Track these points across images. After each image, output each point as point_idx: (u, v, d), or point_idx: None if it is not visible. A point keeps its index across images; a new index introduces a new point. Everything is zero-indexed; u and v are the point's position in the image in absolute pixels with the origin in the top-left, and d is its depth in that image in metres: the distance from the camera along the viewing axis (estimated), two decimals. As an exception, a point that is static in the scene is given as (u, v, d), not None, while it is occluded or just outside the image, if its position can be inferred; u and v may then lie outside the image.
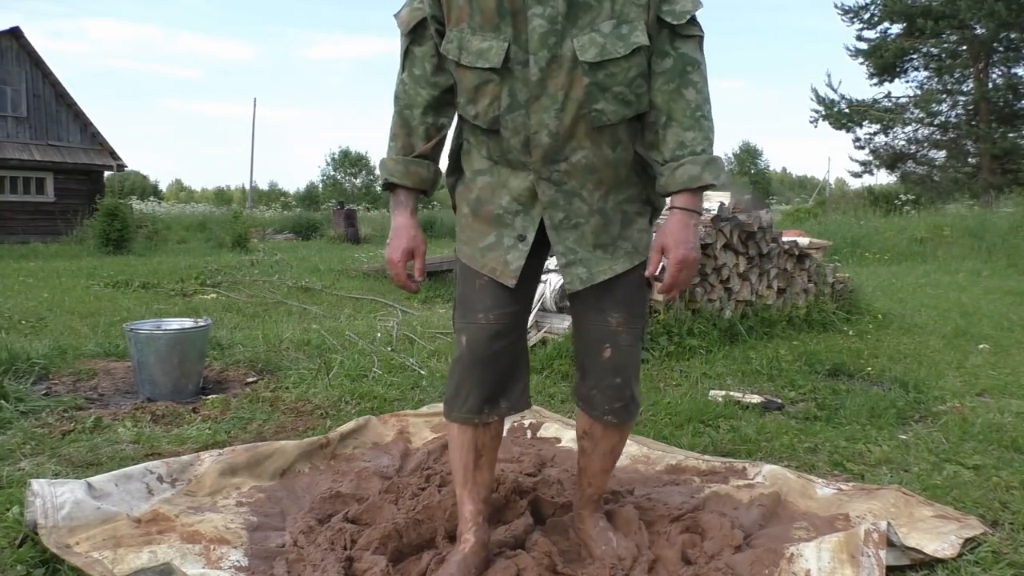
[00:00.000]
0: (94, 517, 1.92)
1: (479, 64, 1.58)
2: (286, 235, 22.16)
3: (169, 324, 3.70)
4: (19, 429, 2.82)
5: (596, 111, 1.59)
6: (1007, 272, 9.95)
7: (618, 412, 1.79)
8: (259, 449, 2.48)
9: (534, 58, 1.55)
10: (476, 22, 1.57)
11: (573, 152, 1.63)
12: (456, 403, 1.78)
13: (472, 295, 1.75)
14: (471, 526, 1.81)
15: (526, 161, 1.65)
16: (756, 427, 3.01)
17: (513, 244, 1.71)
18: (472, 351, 1.73)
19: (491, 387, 1.76)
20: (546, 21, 1.53)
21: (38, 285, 8.53)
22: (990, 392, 3.69)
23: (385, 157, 1.76)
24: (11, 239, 18.18)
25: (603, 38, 1.54)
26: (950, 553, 1.87)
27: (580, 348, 1.82)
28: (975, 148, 22.27)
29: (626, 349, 1.76)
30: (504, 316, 1.73)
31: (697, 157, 1.59)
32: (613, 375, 1.76)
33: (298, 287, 8.94)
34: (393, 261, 1.73)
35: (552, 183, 1.67)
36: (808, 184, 62.19)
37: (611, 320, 1.74)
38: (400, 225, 1.75)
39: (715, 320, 4.73)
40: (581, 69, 1.55)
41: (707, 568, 1.80)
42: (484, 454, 1.81)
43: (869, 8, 23.21)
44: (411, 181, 1.74)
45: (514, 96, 1.59)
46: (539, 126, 1.60)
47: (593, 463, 1.90)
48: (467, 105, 1.67)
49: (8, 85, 20.20)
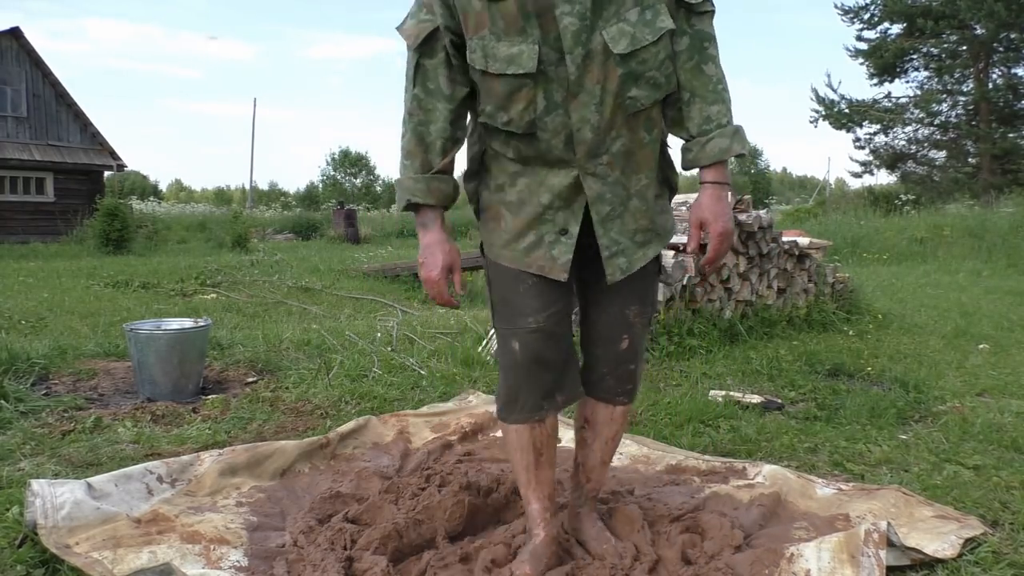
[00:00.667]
0: (94, 517, 1.92)
1: (510, 71, 1.55)
2: (286, 235, 22.17)
3: (169, 324, 3.70)
4: (19, 429, 2.82)
5: (631, 98, 1.59)
6: (1007, 272, 9.95)
7: (629, 392, 1.86)
8: (259, 449, 2.48)
9: (570, 56, 1.53)
10: (499, 27, 1.54)
11: (613, 142, 1.63)
12: (514, 407, 1.76)
13: (517, 298, 1.71)
14: (539, 522, 1.83)
15: (569, 159, 1.63)
16: (756, 427, 3.01)
17: (555, 239, 1.68)
18: (526, 355, 1.71)
19: (547, 385, 1.75)
20: (576, 18, 1.51)
21: (38, 285, 8.53)
22: (990, 392, 3.69)
23: (401, 177, 1.69)
24: (11, 239, 18.18)
25: (631, 27, 1.54)
26: (950, 553, 1.87)
27: (592, 338, 1.82)
28: (975, 148, 22.27)
29: (639, 337, 1.82)
30: (553, 316, 1.71)
31: (724, 129, 1.62)
32: (628, 362, 1.82)
33: (298, 287, 8.95)
34: (434, 280, 1.68)
35: (597, 177, 1.65)
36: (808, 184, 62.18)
37: (629, 312, 1.77)
38: (433, 242, 1.68)
39: (715, 320, 4.73)
40: (614, 60, 1.55)
41: (707, 568, 1.80)
42: (544, 452, 1.82)
43: (869, 8, 23.21)
44: (435, 199, 1.68)
45: (550, 97, 1.57)
46: (581, 123, 1.59)
47: (593, 454, 1.91)
48: (497, 112, 1.62)
49: (8, 85, 20.20)
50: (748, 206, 5.27)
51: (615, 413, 1.87)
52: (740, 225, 4.89)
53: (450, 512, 2.00)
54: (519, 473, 1.84)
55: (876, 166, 25.04)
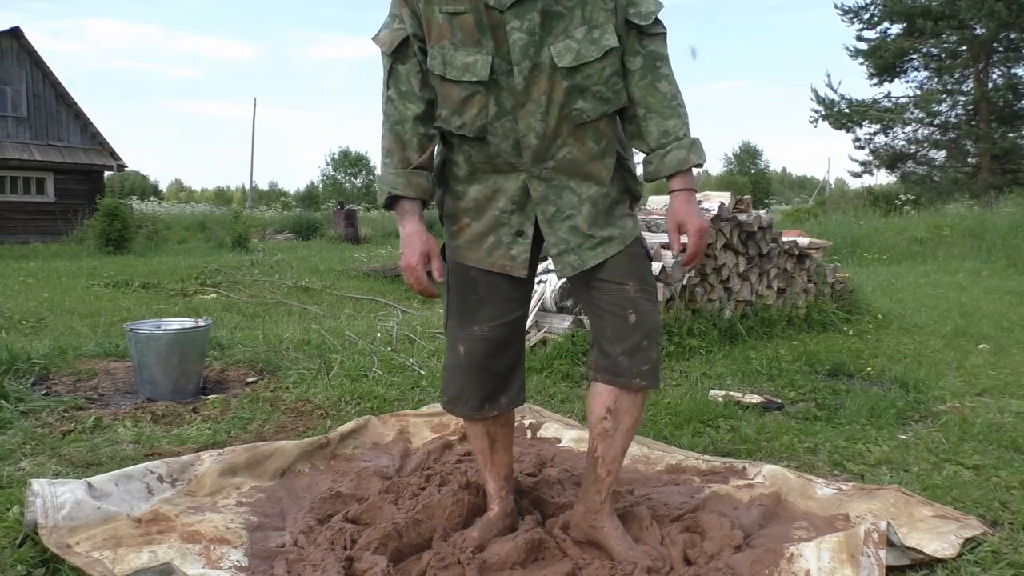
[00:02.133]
0: (94, 517, 1.92)
1: (466, 78, 1.68)
2: (286, 235, 22.16)
3: (169, 324, 3.70)
4: (19, 429, 2.82)
5: (576, 110, 1.71)
6: (1007, 272, 9.95)
7: (646, 375, 1.83)
8: (259, 449, 2.48)
9: (517, 68, 1.66)
10: (458, 38, 1.67)
11: (559, 150, 1.75)
12: (458, 403, 1.93)
13: (469, 306, 1.85)
14: (495, 499, 2.01)
15: (516, 163, 1.76)
16: (756, 427, 3.01)
17: (512, 240, 1.82)
18: (471, 361, 1.87)
19: (491, 388, 1.90)
20: (525, 34, 1.64)
21: (38, 285, 8.53)
22: (990, 392, 3.69)
23: (382, 173, 1.79)
24: (11, 239, 18.19)
25: (577, 44, 1.67)
26: (950, 553, 1.87)
27: (601, 322, 1.85)
28: (975, 148, 22.27)
29: (648, 313, 1.83)
30: (501, 327, 1.86)
31: (681, 142, 1.75)
32: (641, 337, 1.82)
33: (298, 287, 8.95)
34: (412, 266, 1.74)
35: (542, 180, 1.78)
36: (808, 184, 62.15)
37: (628, 287, 1.82)
38: (412, 232, 1.76)
39: (715, 320, 4.73)
40: (560, 74, 1.67)
41: (707, 568, 1.80)
42: (498, 439, 1.98)
43: (869, 8, 23.21)
44: (414, 191, 1.77)
45: (501, 104, 1.70)
46: (527, 129, 1.71)
47: (615, 445, 1.88)
48: (452, 117, 1.74)
49: (8, 85, 20.20)
50: (748, 206, 5.27)
51: (636, 400, 1.87)
52: (740, 225, 4.89)
53: (450, 512, 2.00)
54: (477, 455, 2.03)
55: (876, 166, 25.04)
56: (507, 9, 1.62)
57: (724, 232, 4.79)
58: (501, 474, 2.01)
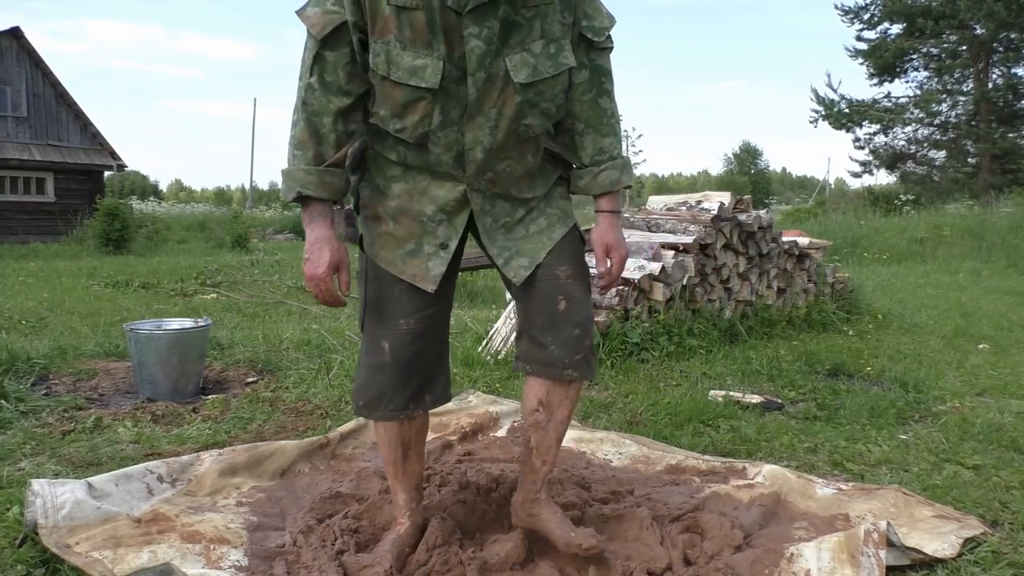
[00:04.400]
0: (94, 517, 1.92)
1: (412, 82, 1.54)
2: (286, 235, 22.18)
3: (169, 324, 3.70)
4: (19, 429, 2.82)
5: (524, 126, 1.65)
6: (1007, 272, 9.95)
7: (579, 364, 1.76)
8: (259, 449, 2.48)
9: (472, 79, 1.55)
10: (405, 36, 1.53)
11: (500, 163, 1.69)
12: (380, 404, 1.78)
13: (390, 301, 1.74)
14: (406, 512, 1.88)
15: (456, 174, 1.68)
16: (756, 427, 3.01)
17: (435, 251, 1.72)
18: (396, 356, 1.74)
19: (416, 386, 1.78)
20: (483, 42, 1.53)
21: (38, 285, 8.53)
22: (990, 392, 3.69)
23: (291, 167, 1.63)
24: (11, 239, 18.20)
25: (534, 58, 1.58)
26: (950, 553, 1.87)
27: (531, 310, 1.77)
28: (975, 148, 22.28)
29: (580, 301, 1.76)
30: (425, 319, 1.75)
31: (615, 162, 1.76)
32: (572, 327, 1.74)
33: (298, 287, 8.94)
34: (319, 276, 1.63)
35: (479, 192, 1.71)
36: (808, 184, 62.20)
37: (559, 273, 1.75)
38: (321, 238, 1.64)
39: (715, 320, 4.73)
40: (513, 88, 1.58)
41: (707, 568, 1.80)
42: (412, 446, 1.86)
43: (869, 8, 23.23)
44: (327, 192, 1.64)
45: (447, 114, 1.59)
46: (474, 143, 1.63)
47: (548, 435, 1.83)
48: (391, 119, 1.62)
49: (8, 85, 20.21)
50: (748, 206, 5.27)
51: (569, 391, 1.81)
52: (740, 225, 4.89)
53: (450, 512, 2.00)
54: (387, 465, 1.89)
55: (876, 166, 25.06)
56: (466, 13, 1.50)
57: (724, 232, 4.79)
58: (413, 484, 1.89)
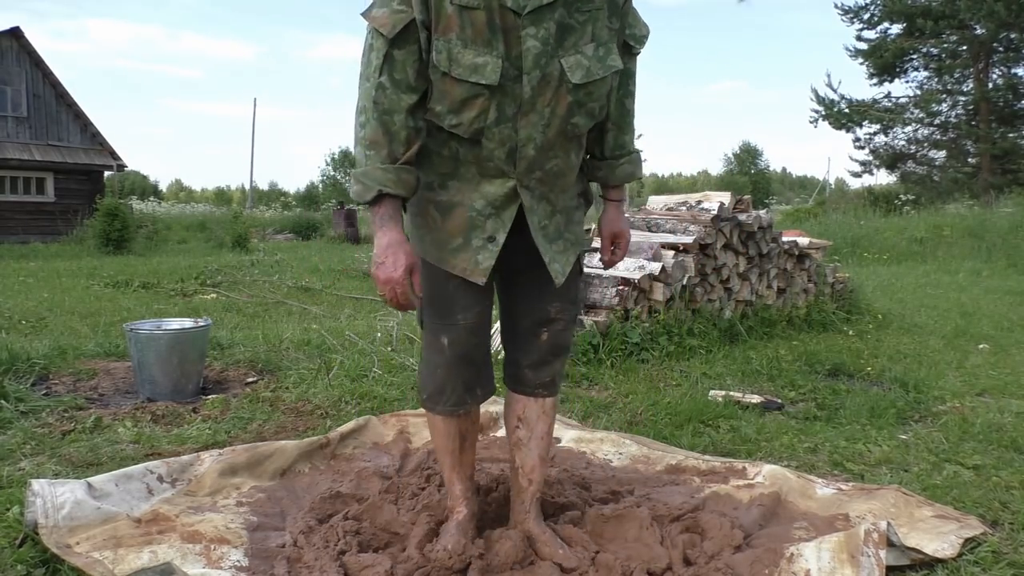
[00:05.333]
0: (94, 517, 1.92)
1: (472, 79, 1.60)
2: (286, 235, 22.17)
3: (169, 324, 3.70)
4: (19, 429, 2.82)
5: (573, 124, 1.72)
6: (1007, 272, 9.95)
7: (547, 385, 1.94)
8: (259, 449, 2.48)
9: (527, 77, 1.62)
10: (467, 35, 1.59)
11: (549, 161, 1.74)
12: (440, 399, 1.87)
13: (446, 297, 1.80)
14: (462, 500, 1.96)
15: (507, 170, 1.72)
16: (756, 427, 3.01)
17: (483, 245, 1.76)
18: (454, 351, 1.82)
19: (471, 380, 1.87)
20: (539, 43, 1.60)
21: (38, 285, 8.53)
22: (990, 392, 3.69)
23: (367, 168, 1.66)
24: (11, 239, 18.19)
25: (587, 60, 1.66)
26: (950, 553, 1.87)
27: (514, 332, 1.93)
28: (975, 148, 22.27)
29: (560, 332, 1.91)
30: (480, 313, 1.82)
31: (631, 156, 1.90)
32: (549, 354, 1.91)
33: (298, 287, 8.94)
34: (396, 280, 1.64)
35: (528, 189, 1.75)
36: (808, 184, 62.18)
37: (550, 309, 1.88)
38: (394, 242, 1.65)
39: (715, 320, 4.73)
40: (566, 88, 1.66)
41: (707, 568, 1.80)
42: (467, 438, 1.95)
43: (869, 8, 23.21)
44: (404, 190, 1.66)
45: (502, 110, 1.65)
46: (527, 140, 1.68)
47: (531, 453, 1.95)
48: (448, 115, 1.66)
49: (8, 85, 20.20)
50: (748, 206, 5.27)
51: (545, 406, 1.96)
52: (740, 225, 4.89)
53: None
54: (443, 456, 1.96)
55: (876, 166, 25.05)
56: (525, 14, 1.57)
57: (724, 232, 4.79)
58: (467, 474, 1.97)
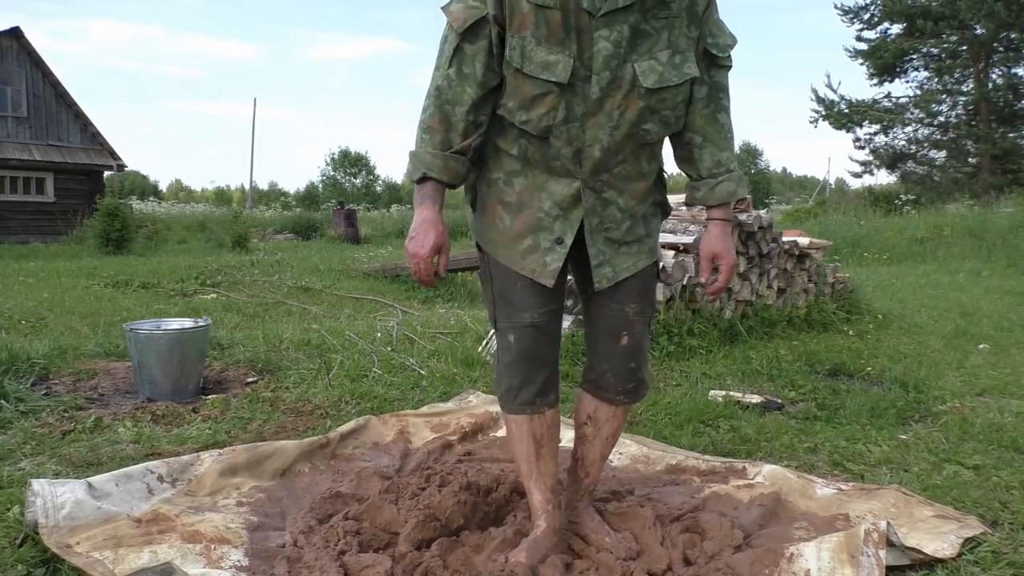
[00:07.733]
0: (95, 517, 1.92)
1: (543, 76, 1.63)
2: (286, 235, 22.16)
3: (169, 324, 3.70)
4: (19, 429, 2.82)
5: (644, 130, 1.71)
6: (1007, 272, 9.95)
7: (629, 392, 1.92)
8: (259, 449, 2.48)
9: (596, 78, 1.63)
10: (541, 33, 1.62)
11: (617, 165, 1.75)
12: (510, 396, 1.87)
13: (515, 296, 1.81)
14: (542, 513, 1.90)
15: (573, 170, 1.73)
16: (756, 427, 3.01)
17: (551, 247, 1.78)
18: (520, 349, 1.82)
19: (541, 382, 1.86)
20: (611, 45, 1.61)
21: (38, 285, 8.52)
22: (990, 392, 3.69)
23: (419, 150, 1.71)
24: (11, 239, 18.18)
25: (661, 66, 1.66)
26: (950, 553, 1.87)
27: (595, 335, 1.92)
28: (975, 148, 22.26)
29: (640, 336, 1.88)
30: (547, 314, 1.83)
31: (731, 174, 1.81)
32: (628, 359, 1.88)
33: (298, 287, 8.95)
34: (421, 255, 1.69)
35: (593, 191, 1.76)
36: (808, 184, 62.19)
37: (628, 310, 1.85)
38: (428, 219, 1.70)
39: (715, 320, 4.73)
40: (638, 92, 1.66)
41: (707, 568, 1.80)
42: (544, 443, 1.90)
43: (869, 8, 23.20)
44: (448, 176, 1.71)
45: (571, 109, 1.66)
46: (593, 140, 1.69)
47: (594, 450, 1.97)
48: (518, 111, 1.69)
49: (8, 85, 20.20)
50: (748, 206, 5.27)
51: (617, 411, 1.95)
52: (740, 225, 4.89)
53: (450, 512, 2.00)
54: (521, 464, 1.92)
55: (876, 166, 25.04)
56: (599, 16, 1.59)
57: (724, 232, 4.79)
58: (547, 484, 1.91)
